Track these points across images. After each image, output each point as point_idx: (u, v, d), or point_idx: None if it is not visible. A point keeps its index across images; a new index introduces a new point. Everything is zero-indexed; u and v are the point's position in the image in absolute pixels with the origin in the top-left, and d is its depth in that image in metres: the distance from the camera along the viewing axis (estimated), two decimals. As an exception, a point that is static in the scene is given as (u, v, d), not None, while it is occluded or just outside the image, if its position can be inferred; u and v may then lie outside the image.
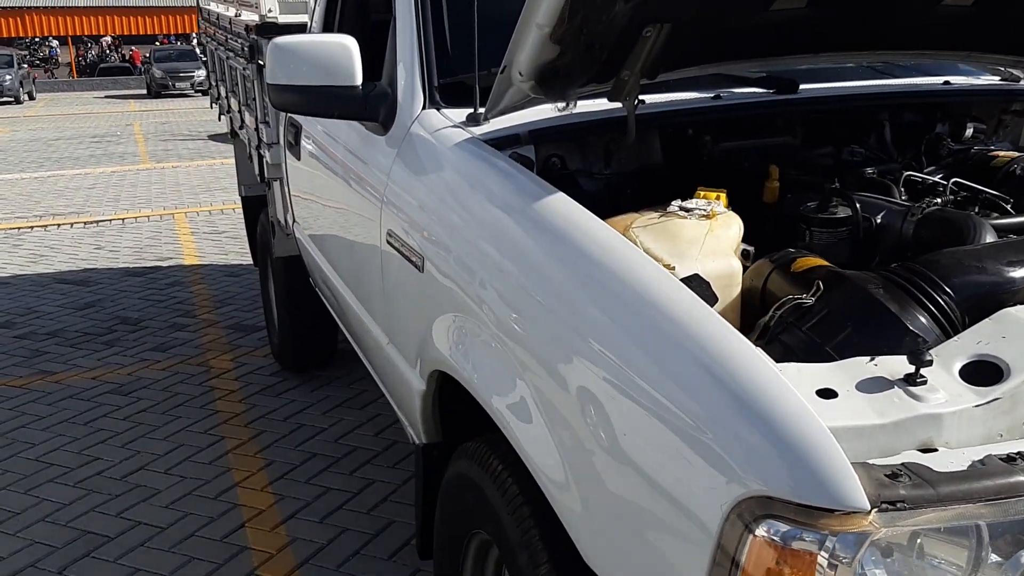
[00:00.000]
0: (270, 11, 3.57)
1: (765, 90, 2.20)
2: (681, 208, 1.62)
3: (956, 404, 1.18)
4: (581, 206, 1.58)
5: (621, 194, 1.98)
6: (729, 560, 1.12)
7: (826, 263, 1.52)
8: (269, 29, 3.55)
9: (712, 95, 2.15)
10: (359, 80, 2.29)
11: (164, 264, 7.06)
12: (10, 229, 8.53)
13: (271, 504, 3.39)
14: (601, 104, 2.04)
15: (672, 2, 1.77)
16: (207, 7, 5.48)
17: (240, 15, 4.08)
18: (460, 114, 2.16)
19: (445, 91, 2.26)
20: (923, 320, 1.34)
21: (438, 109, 2.22)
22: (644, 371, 1.26)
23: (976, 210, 1.81)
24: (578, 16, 1.70)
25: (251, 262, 6.92)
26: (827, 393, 1.19)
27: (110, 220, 8.84)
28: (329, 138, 2.79)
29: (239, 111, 4.31)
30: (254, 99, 3.79)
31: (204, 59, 29.34)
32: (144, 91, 27.27)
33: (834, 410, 1.16)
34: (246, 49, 3.66)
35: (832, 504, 1.05)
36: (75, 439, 3.99)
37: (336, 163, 2.74)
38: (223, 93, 5.07)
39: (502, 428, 1.62)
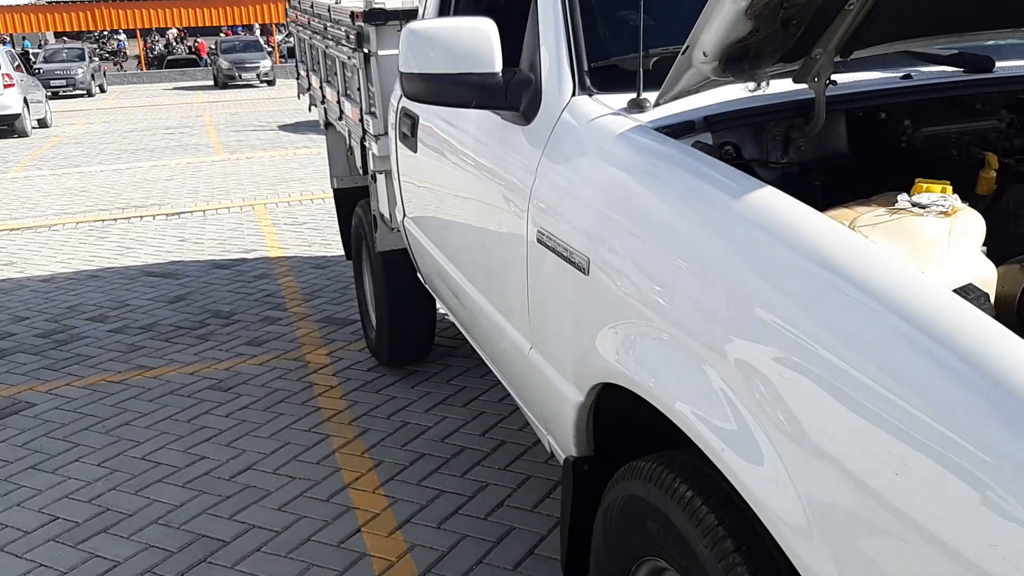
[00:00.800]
0: (379, -4, 3.43)
1: (956, 69, 1.98)
2: (913, 204, 1.42)
3: None
4: (802, 203, 1.39)
5: (807, 186, 1.78)
6: None
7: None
8: (377, 16, 3.41)
9: (901, 75, 1.94)
10: (499, 67, 2.13)
11: (249, 256, 7.03)
12: (95, 222, 8.61)
13: (385, 507, 3.27)
14: (781, 86, 1.85)
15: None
16: (296, -5, 5.38)
17: (340, 2, 3.96)
18: (616, 100, 1.99)
19: (596, 75, 2.09)
20: None
21: (590, 95, 2.05)
22: (915, 394, 1.07)
23: None
24: (783, -14, 1.52)
25: (337, 254, 6.90)
26: None
27: (191, 212, 8.86)
28: (454, 129, 2.64)
29: (337, 101, 4.19)
30: (358, 88, 3.66)
31: (270, 49, 29.64)
32: (211, 82, 27.59)
33: None
34: (352, 37, 3.52)
35: None
36: (180, 437, 3.93)
37: (464, 156, 2.58)
38: (315, 83, 4.96)
39: (705, 449, 1.45)
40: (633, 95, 1.93)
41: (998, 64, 1.98)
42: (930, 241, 1.36)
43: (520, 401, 2.52)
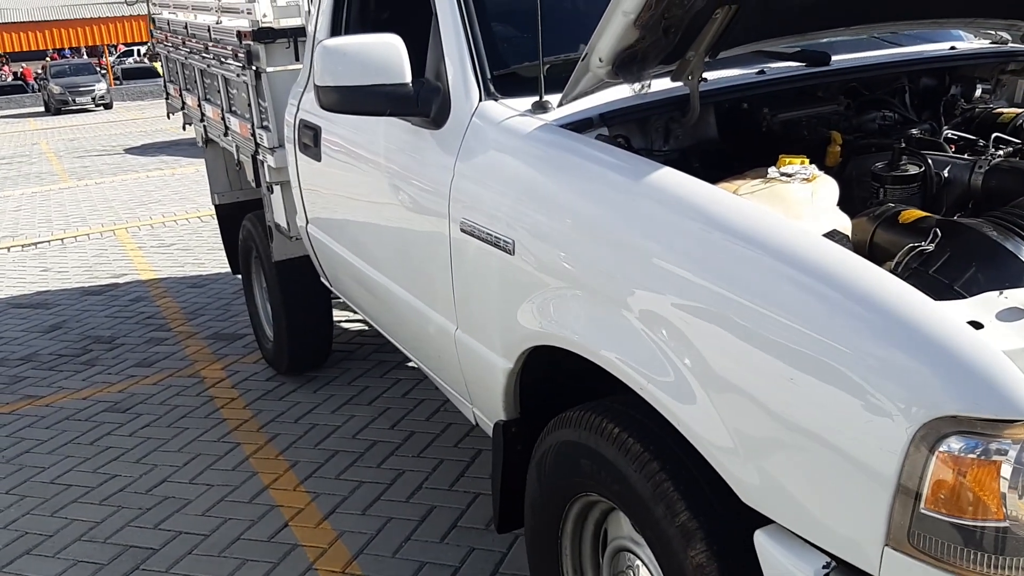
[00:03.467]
0: (265, 16, 3.57)
1: (800, 64, 2.36)
2: (782, 174, 1.76)
3: (1083, 324, 1.34)
4: (694, 178, 1.70)
5: (688, 168, 2.10)
6: (912, 493, 1.25)
7: (930, 214, 1.69)
8: (266, 35, 3.57)
9: (756, 71, 2.30)
10: (409, 78, 2.36)
11: (121, 281, 6.92)
12: (-57, 257, 8.20)
13: (308, 502, 3.43)
14: (661, 84, 2.17)
15: (742, -15, 1.91)
16: (163, 16, 5.40)
17: (221, 22, 4.07)
18: (520, 103, 2.26)
19: (498, 82, 2.35)
20: (1032, 255, 1.52)
21: (496, 100, 2.31)
22: (810, 320, 1.39)
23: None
24: (664, 1, 1.83)
25: (213, 272, 6.90)
26: (975, 325, 1.34)
27: (48, 241, 8.58)
28: (362, 136, 2.85)
29: (221, 118, 4.29)
30: (248, 104, 3.79)
31: (103, 71, 28.40)
32: (42, 109, 26.25)
33: (988, 337, 1.31)
34: (241, 55, 3.66)
35: (1017, 415, 1.20)
36: (85, 459, 3.94)
37: (375, 161, 2.79)
38: (191, 102, 5.01)
39: (633, 386, 1.73)
40: (535, 98, 2.21)
41: (834, 58, 2.38)
42: (798, 202, 1.70)
43: (443, 381, 2.76)
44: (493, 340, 2.24)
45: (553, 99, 2.19)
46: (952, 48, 2.61)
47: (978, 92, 2.54)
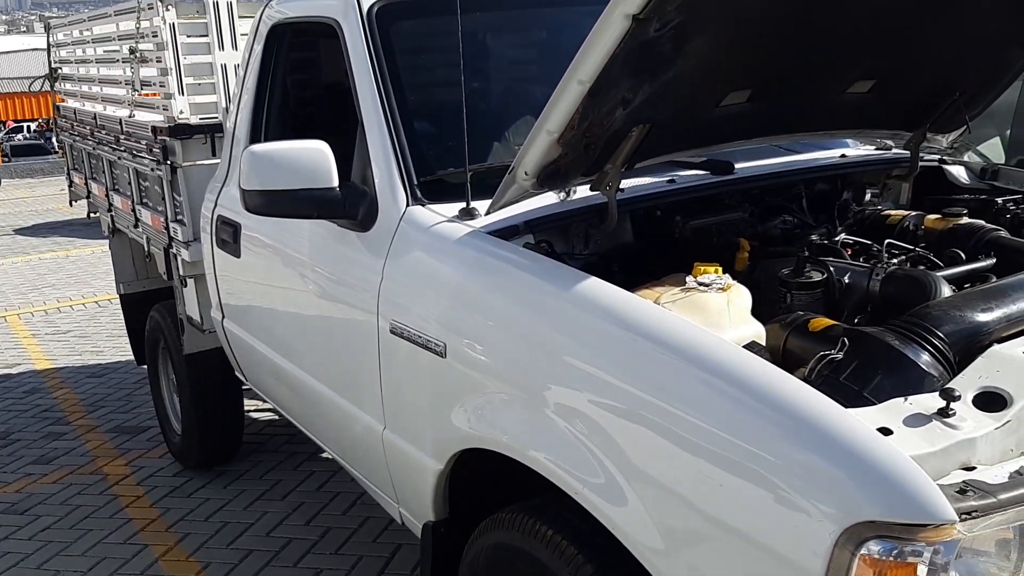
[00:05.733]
0: (181, 113, 3.59)
1: (706, 172, 2.52)
2: (699, 283, 1.88)
3: (982, 429, 1.48)
4: (616, 287, 1.80)
5: (607, 271, 2.21)
6: None
7: (837, 322, 1.82)
8: (182, 131, 3.58)
9: (667, 179, 2.45)
10: (336, 182, 2.42)
11: (14, 371, 6.63)
12: None
13: (223, 606, 3.33)
14: (581, 193, 2.29)
15: (656, 107, 2.05)
16: (68, 104, 5.33)
17: (134, 115, 4.05)
18: (447, 209, 2.34)
19: (424, 188, 2.43)
20: (930, 361, 1.65)
21: (423, 205, 2.38)
22: (738, 429, 1.48)
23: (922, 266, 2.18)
24: (585, 122, 1.95)
25: (113, 361, 6.69)
26: (885, 431, 1.45)
27: (-68, 329, 8.16)
28: (286, 234, 2.87)
29: (132, 209, 4.24)
30: (162, 197, 3.77)
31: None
32: (-80, 186, 25.11)
33: (897, 444, 1.42)
34: (156, 150, 3.65)
35: (929, 519, 1.30)
36: (-21, 568, 3.73)
37: (298, 260, 2.82)
38: (96, 191, 4.94)
39: (563, 487, 1.78)
40: (461, 204, 2.29)
41: (736, 165, 2.54)
42: (716, 311, 1.81)
43: (368, 480, 2.75)
44: (423, 441, 2.27)
45: (477, 204, 2.27)
46: (843, 156, 2.82)
47: (867, 196, 2.75)
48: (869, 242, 2.36)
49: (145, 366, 5.06)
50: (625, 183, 2.35)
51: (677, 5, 1.72)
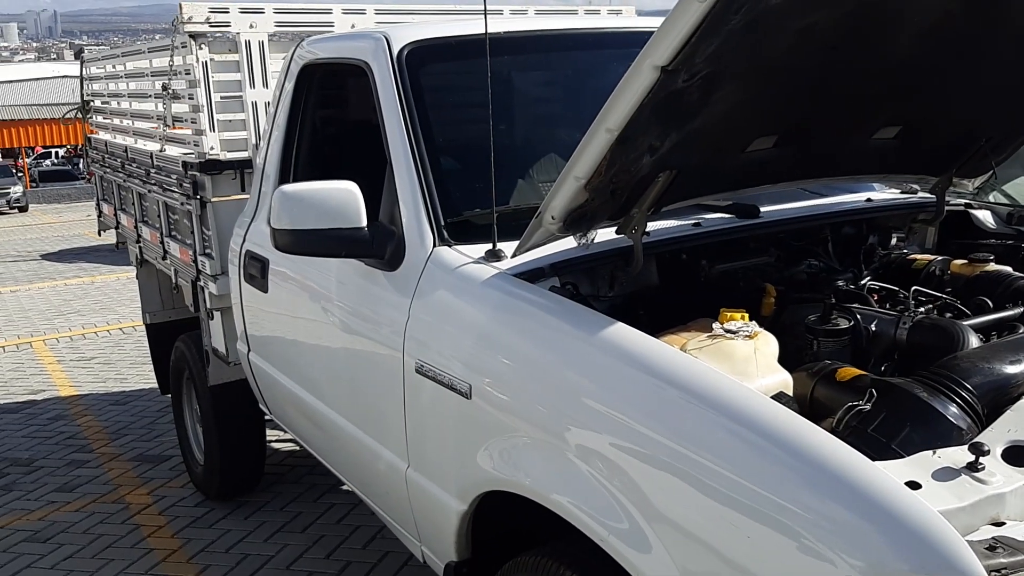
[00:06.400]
0: (212, 148, 3.65)
1: (732, 216, 2.53)
2: (726, 330, 1.88)
3: (1012, 483, 1.47)
4: (644, 333, 1.82)
5: (631, 314, 2.22)
6: None
7: (865, 372, 1.82)
8: (213, 166, 3.63)
9: (692, 223, 2.46)
10: (364, 222, 2.45)
11: (39, 397, 6.70)
12: None
13: (243, 640, 3.33)
14: (607, 235, 2.31)
15: (682, 153, 2.07)
16: (100, 136, 5.43)
17: (165, 150, 4.12)
18: (473, 250, 2.36)
19: (451, 229, 2.46)
20: (958, 414, 1.65)
21: (449, 246, 2.41)
22: (766, 481, 1.48)
23: (948, 314, 2.18)
24: (613, 169, 1.97)
25: (137, 388, 6.75)
26: (913, 485, 1.45)
27: (-41, 353, 8.27)
28: (314, 272, 2.91)
29: (160, 242, 4.30)
30: (191, 231, 3.83)
31: (20, 173, 27.84)
32: (-49, 210, 25.53)
33: (925, 498, 1.42)
34: (186, 185, 3.71)
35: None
36: (2, 596, 3.76)
37: (326, 297, 2.85)
38: (126, 222, 5.01)
39: (587, 531, 1.79)
40: (487, 245, 2.32)
41: (762, 209, 2.56)
42: (743, 359, 1.82)
43: (390, 518, 2.76)
44: (447, 481, 2.28)
45: (504, 246, 2.29)
46: (868, 200, 2.83)
47: (893, 240, 2.75)
48: (896, 288, 2.36)
49: (169, 395, 5.10)
50: (651, 226, 2.37)
51: (705, 57, 1.74)
